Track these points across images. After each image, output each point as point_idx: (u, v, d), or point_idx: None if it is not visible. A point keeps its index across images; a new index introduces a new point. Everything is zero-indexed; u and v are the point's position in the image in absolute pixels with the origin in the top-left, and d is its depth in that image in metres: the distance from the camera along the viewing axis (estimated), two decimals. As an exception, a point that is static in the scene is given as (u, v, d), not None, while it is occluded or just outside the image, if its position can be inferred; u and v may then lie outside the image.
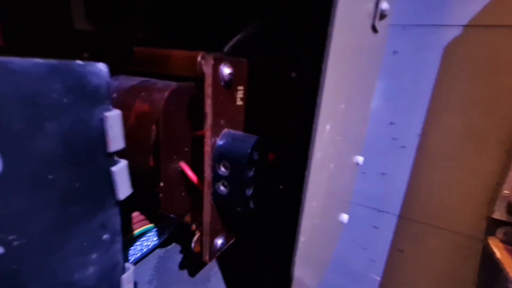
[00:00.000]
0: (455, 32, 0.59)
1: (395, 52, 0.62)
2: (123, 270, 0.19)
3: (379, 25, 0.27)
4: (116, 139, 0.17)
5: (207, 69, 0.18)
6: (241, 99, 0.22)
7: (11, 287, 0.14)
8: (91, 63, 0.15)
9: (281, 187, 0.28)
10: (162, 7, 0.36)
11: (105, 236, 0.18)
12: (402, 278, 0.72)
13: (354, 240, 0.73)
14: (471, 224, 0.62)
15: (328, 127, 0.15)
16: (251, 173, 0.21)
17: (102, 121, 0.16)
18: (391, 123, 0.64)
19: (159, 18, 0.36)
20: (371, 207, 0.70)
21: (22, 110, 0.12)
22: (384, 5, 0.25)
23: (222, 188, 0.21)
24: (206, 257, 0.23)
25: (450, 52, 0.59)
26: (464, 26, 0.59)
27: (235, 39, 0.28)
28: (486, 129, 0.57)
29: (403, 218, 0.69)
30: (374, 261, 0.76)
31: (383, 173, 0.66)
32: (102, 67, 0.15)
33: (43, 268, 0.15)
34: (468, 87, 0.58)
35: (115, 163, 0.17)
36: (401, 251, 0.70)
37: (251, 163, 0.20)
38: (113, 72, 0.28)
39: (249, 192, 0.21)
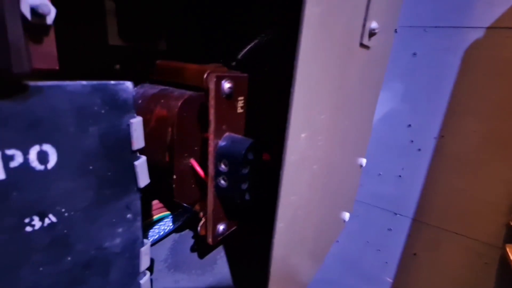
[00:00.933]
0: (477, 34, 0.59)
1: (414, 54, 0.62)
2: (142, 244, 0.24)
3: (372, 41, 0.30)
4: (138, 140, 0.21)
5: (211, 85, 0.23)
6: (241, 107, 0.26)
7: (62, 246, 0.19)
8: (121, 82, 0.20)
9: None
10: (182, 23, 0.41)
11: (129, 215, 0.23)
12: (415, 282, 0.72)
13: (368, 242, 0.74)
14: (489, 231, 0.61)
15: (303, 135, 0.19)
16: (246, 171, 0.25)
17: (128, 126, 0.21)
18: (409, 126, 0.64)
19: (179, 32, 0.41)
20: (386, 209, 0.71)
21: (73, 118, 0.17)
22: (373, 25, 0.28)
23: (222, 182, 0.25)
24: (210, 239, 0.27)
25: (471, 54, 0.58)
26: (487, 28, 0.58)
27: (248, 47, 0.32)
28: (508, 133, 0.56)
29: (418, 221, 0.69)
30: (387, 263, 0.77)
31: (399, 176, 0.67)
32: (128, 84, 0.20)
33: (84, 235, 0.20)
34: (489, 89, 0.57)
35: (137, 158, 0.22)
36: (415, 254, 0.71)
37: (245, 162, 0.24)
38: (140, 80, 0.33)
39: (244, 186, 0.25)
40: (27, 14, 0.16)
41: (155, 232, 0.36)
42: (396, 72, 0.66)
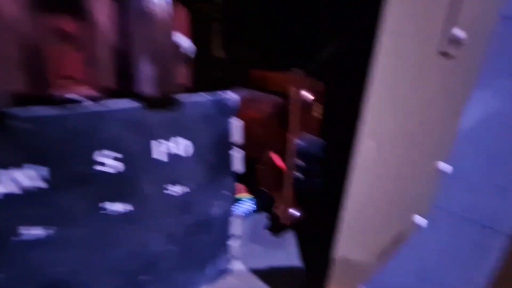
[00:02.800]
0: None
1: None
2: (233, 215, 0.32)
3: (458, 48, 0.30)
4: (237, 137, 0.28)
5: (293, 96, 0.28)
6: (318, 112, 0.30)
7: (187, 207, 0.27)
8: (230, 95, 0.27)
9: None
10: (273, 34, 0.47)
11: (226, 192, 0.30)
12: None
13: (454, 257, 0.69)
14: None
15: (372, 139, 0.22)
16: (319, 167, 0.29)
17: (232, 126, 0.28)
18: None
19: (272, 42, 0.47)
20: (478, 221, 0.64)
21: (201, 121, 0.25)
22: (459, 33, 0.28)
23: (298, 174, 0.31)
24: (284, 220, 0.33)
25: None
26: None
27: (324, 53, 0.36)
28: None
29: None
30: (471, 280, 0.70)
31: (499, 185, 0.60)
32: (234, 96, 0.27)
33: (199, 202, 0.28)
34: None
35: (236, 151, 0.29)
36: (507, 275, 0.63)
37: (319, 160, 0.29)
38: (238, 85, 0.41)
39: (316, 180, 0.30)
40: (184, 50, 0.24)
41: (240, 210, 0.44)
42: (503, 67, 0.58)
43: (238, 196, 0.45)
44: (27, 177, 0.18)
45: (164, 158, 0.24)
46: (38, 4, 0.16)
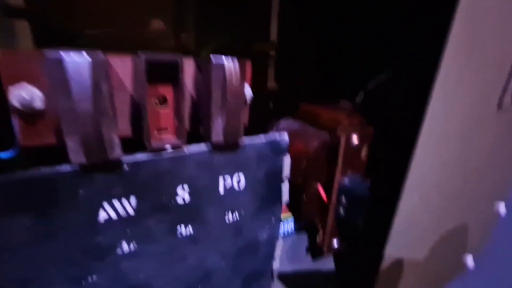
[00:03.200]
0: None
1: None
2: (278, 239, 0.35)
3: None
4: (286, 171, 0.32)
5: (342, 138, 0.30)
6: (365, 153, 0.32)
7: (239, 231, 0.31)
8: (282, 137, 0.30)
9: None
10: (324, 67, 0.49)
11: (273, 219, 0.34)
12: None
13: None
14: None
15: (416, 193, 0.24)
16: (361, 206, 0.31)
17: (282, 162, 0.31)
18: None
19: (322, 75, 0.50)
20: None
21: (256, 159, 0.29)
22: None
23: (341, 210, 0.33)
24: (325, 249, 0.35)
25: None
26: None
27: (372, 87, 0.38)
28: None
29: None
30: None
31: None
32: (285, 136, 0.30)
33: (249, 227, 0.32)
34: None
35: (284, 182, 0.32)
36: None
37: (361, 200, 0.30)
38: (289, 116, 0.44)
39: (358, 218, 0.31)
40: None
41: (281, 230, 0.47)
42: None
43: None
44: (125, 205, 0.23)
45: (226, 191, 0.28)
46: (147, 75, 0.21)
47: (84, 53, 0.17)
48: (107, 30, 0.35)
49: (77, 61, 0.17)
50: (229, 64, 0.22)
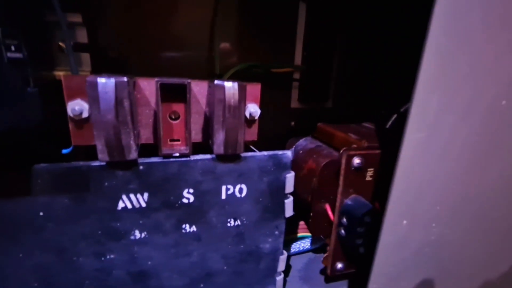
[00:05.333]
0: None
1: None
2: (281, 253, 0.36)
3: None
4: (289, 187, 0.33)
5: (342, 160, 0.31)
6: (371, 176, 0.32)
7: (240, 238, 0.34)
8: (285, 152, 0.32)
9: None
10: (347, 85, 0.50)
11: (276, 232, 0.35)
12: None
13: None
14: None
15: (405, 222, 0.23)
16: (362, 229, 0.30)
17: (285, 178, 0.33)
18: None
19: (344, 92, 0.51)
20: None
21: (257, 172, 0.31)
22: None
23: (342, 231, 0.33)
24: (328, 271, 0.35)
25: None
26: None
27: (393, 118, 0.37)
28: None
29: None
30: None
31: None
32: (289, 153, 0.32)
33: (251, 236, 0.34)
34: None
35: (287, 198, 0.34)
36: None
37: (362, 223, 0.30)
38: (307, 133, 0.46)
39: (358, 241, 0.31)
40: (248, 116, 0.31)
41: (296, 246, 0.48)
42: None
43: (299, 234, 0.49)
44: (139, 199, 0.28)
45: (228, 197, 0.31)
46: (168, 95, 0.26)
47: (112, 77, 0.23)
48: (151, 59, 0.43)
49: (105, 82, 0.22)
50: (229, 86, 0.26)
